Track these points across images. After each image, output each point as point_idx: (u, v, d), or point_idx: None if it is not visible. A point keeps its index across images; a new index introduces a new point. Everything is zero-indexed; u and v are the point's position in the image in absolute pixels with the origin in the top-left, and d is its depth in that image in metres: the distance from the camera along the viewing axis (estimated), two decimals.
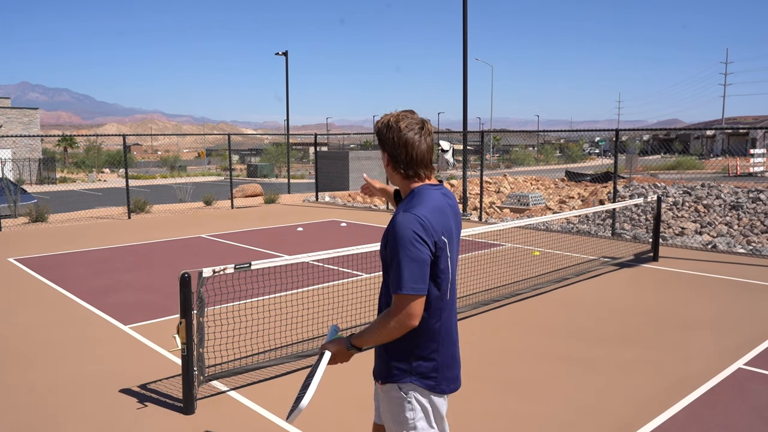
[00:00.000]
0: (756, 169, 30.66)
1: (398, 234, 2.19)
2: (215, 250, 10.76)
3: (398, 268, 2.18)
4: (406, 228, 2.19)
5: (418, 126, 2.32)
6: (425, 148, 2.33)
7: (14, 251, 10.87)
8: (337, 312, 6.66)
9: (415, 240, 2.17)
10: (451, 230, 2.32)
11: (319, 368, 2.29)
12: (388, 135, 2.32)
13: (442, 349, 2.34)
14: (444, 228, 2.27)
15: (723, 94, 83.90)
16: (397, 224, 2.21)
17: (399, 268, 2.18)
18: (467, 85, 16.54)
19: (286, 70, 29.73)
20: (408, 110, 2.38)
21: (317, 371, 2.29)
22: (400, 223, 2.20)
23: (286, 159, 33.19)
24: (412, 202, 2.29)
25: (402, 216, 2.23)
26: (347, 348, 2.34)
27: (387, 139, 2.33)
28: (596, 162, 51.94)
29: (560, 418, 4.24)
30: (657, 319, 6.49)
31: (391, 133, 2.31)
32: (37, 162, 38.22)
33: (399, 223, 2.21)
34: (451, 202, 2.40)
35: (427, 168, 2.36)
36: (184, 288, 4.21)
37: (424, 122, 2.34)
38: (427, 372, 2.31)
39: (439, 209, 2.29)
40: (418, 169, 2.34)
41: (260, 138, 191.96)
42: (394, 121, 2.32)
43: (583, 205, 16.74)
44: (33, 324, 6.51)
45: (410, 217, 2.21)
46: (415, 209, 2.24)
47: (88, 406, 4.49)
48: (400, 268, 2.17)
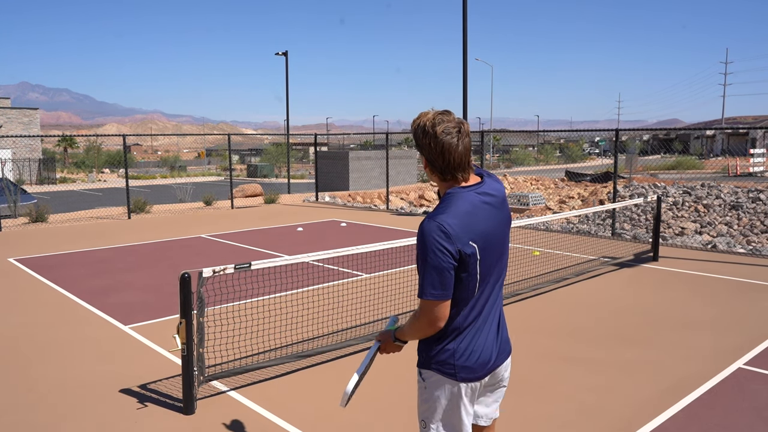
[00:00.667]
0: (756, 169, 30.67)
1: (421, 241, 2.25)
2: (215, 250, 10.77)
3: (421, 275, 2.25)
4: (428, 235, 2.23)
5: (456, 129, 2.30)
6: (462, 151, 2.31)
7: (14, 251, 10.88)
8: (337, 312, 6.66)
9: (436, 248, 2.21)
10: (485, 232, 2.32)
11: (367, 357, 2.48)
12: (425, 140, 2.31)
13: (462, 340, 2.37)
14: (473, 232, 2.28)
15: (723, 94, 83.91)
16: (421, 232, 2.26)
17: (421, 275, 2.25)
18: (467, 85, 16.54)
19: (286, 70, 29.74)
20: (444, 111, 2.36)
21: (365, 359, 2.48)
22: (424, 231, 2.25)
23: (286, 159, 33.19)
24: (441, 207, 2.31)
25: (426, 223, 2.26)
26: (393, 340, 2.49)
27: (423, 144, 2.32)
28: (596, 162, 51.94)
29: (560, 418, 4.24)
30: (657, 319, 6.49)
31: (428, 138, 2.30)
32: (37, 162, 38.22)
33: (422, 230, 2.26)
34: (492, 198, 2.38)
35: (465, 170, 2.35)
36: (184, 288, 4.21)
37: (461, 124, 2.32)
38: (446, 359, 2.36)
39: (468, 213, 2.28)
40: (456, 173, 2.33)
41: (260, 138, 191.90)
42: (431, 126, 2.30)
43: (583, 205, 16.73)
44: (33, 324, 6.51)
45: (434, 224, 2.24)
46: (441, 216, 2.26)
47: (88, 406, 4.49)
48: (422, 274, 2.25)
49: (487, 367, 2.41)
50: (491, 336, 2.43)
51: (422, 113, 2.37)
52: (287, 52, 29.91)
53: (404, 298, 7.16)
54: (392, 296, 7.21)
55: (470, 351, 2.36)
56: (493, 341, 2.43)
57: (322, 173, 26.55)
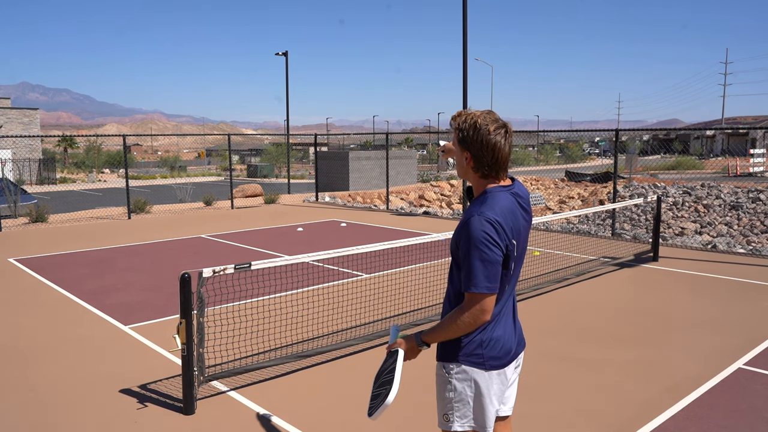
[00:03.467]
0: (756, 169, 30.67)
1: (472, 236, 2.29)
2: (215, 250, 10.77)
3: (472, 268, 2.28)
4: (479, 230, 2.28)
5: (504, 129, 2.37)
6: (507, 151, 2.39)
7: (14, 251, 10.87)
8: (337, 312, 6.66)
9: (488, 242, 2.27)
10: (519, 231, 2.41)
11: (397, 365, 2.41)
12: (475, 137, 2.35)
13: (492, 330, 2.42)
14: (514, 230, 2.36)
15: (723, 94, 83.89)
16: (472, 226, 2.30)
17: (473, 268, 2.28)
18: (467, 85, 16.54)
19: (286, 70, 29.74)
20: (490, 111, 2.42)
21: (397, 368, 2.40)
22: (475, 225, 2.29)
23: (286, 159, 33.20)
24: (486, 204, 2.35)
25: (477, 219, 2.30)
26: (417, 345, 2.47)
27: (473, 141, 2.36)
28: (596, 162, 51.94)
29: (560, 418, 4.24)
30: (657, 319, 6.49)
31: (479, 135, 2.35)
32: (37, 162, 38.21)
33: (473, 225, 2.30)
34: (522, 200, 2.47)
35: (506, 170, 2.43)
36: (184, 288, 4.21)
37: (506, 124, 2.40)
38: (474, 350, 2.40)
39: (510, 211, 2.37)
40: (499, 172, 2.41)
41: (260, 138, 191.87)
42: (482, 123, 2.35)
43: (583, 205, 16.73)
44: (33, 324, 6.51)
45: (484, 220, 2.29)
46: (489, 212, 2.31)
47: (88, 406, 4.49)
48: (474, 268, 2.28)
49: (510, 355, 2.47)
50: (510, 326, 2.51)
51: (465, 111, 2.43)
52: (287, 52, 29.92)
53: (404, 298, 7.16)
54: (392, 296, 7.21)
55: (495, 340, 2.43)
56: (512, 331, 2.51)
57: (322, 173, 26.55)
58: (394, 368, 2.41)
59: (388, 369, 2.45)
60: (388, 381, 2.40)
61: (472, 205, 2.42)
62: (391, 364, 2.45)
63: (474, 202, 2.43)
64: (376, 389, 2.45)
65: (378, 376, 2.50)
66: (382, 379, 2.45)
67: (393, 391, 2.33)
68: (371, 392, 2.50)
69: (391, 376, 2.40)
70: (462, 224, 2.35)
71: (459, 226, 2.38)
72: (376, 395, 2.43)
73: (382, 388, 2.40)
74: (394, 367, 2.42)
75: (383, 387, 2.40)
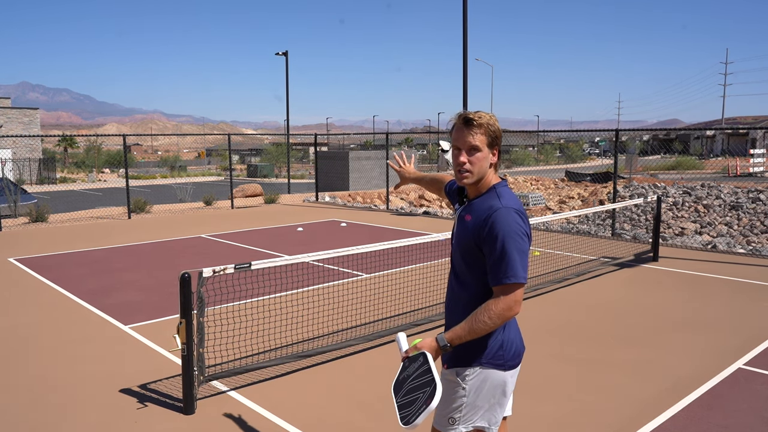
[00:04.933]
0: (756, 169, 30.66)
1: (506, 228, 2.32)
2: (215, 250, 10.77)
3: (509, 260, 2.30)
4: (513, 223, 2.33)
5: None
6: None
7: (14, 251, 10.87)
8: (337, 312, 6.65)
9: (522, 233, 2.34)
10: None
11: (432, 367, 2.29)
12: (499, 135, 2.48)
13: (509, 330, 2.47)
14: None
15: (723, 94, 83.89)
16: (503, 219, 2.33)
17: (510, 260, 2.30)
18: (467, 85, 16.54)
19: (286, 70, 29.74)
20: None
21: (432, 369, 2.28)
22: (506, 218, 2.34)
23: (286, 159, 33.19)
24: (506, 198, 2.42)
25: (506, 211, 2.35)
26: (441, 347, 2.37)
27: (500, 138, 2.48)
28: (596, 162, 51.92)
29: (560, 418, 4.24)
30: (657, 319, 6.49)
31: (500, 133, 2.49)
32: (37, 162, 38.21)
33: (505, 218, 2.34)
34: None
35: None
36: (184, 288, 4.21)
37: None
38: (496, 352, 2.42)
39: None
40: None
41: (260, 138, 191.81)
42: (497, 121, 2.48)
43: (583, 205, 16.73)
44: (33, 324, 6.51)
45: (514, 212, 2.36)
46: (515, 205, 2.39)
47: (88, 406, 4.49)
48: (512, 259, 2.30)
49: (522, 354, 2.52)
50: (517, 325, 2.55)
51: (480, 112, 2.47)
52: (287, 52, 29.92)
53: (404, 298, 7.16)
54: (392, 296, 7.21)
55: (512, 339, 2.47)
56: (519, 330, 2.55)
57: (322, 173, 26.55)
58: (425, 371, 2.31)
59: (414, 375, 2.35)
60: (423, 384, 2.29)
61: (484, 200, 2.44)
62: (417, 369, 2.34)
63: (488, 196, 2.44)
64: (403, 398, 2.34)
65: (400, 385, 2.39)
66: (409, 386, 2.34)
67: (438, 392, 2.22)
68: (396, 403, 2.36)
69: (427, 378, 2.28)
70: (483, 219, 2.36)
71: (479, 222, 2.37)
72: (409, 402, 2.31)
73: (416, 393, 2.29)
74: (425, 369, 2.31)
75: (416, 392, 2.30)
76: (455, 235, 2.54)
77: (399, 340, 2.51)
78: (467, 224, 2.43)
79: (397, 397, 2.37)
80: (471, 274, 2.43)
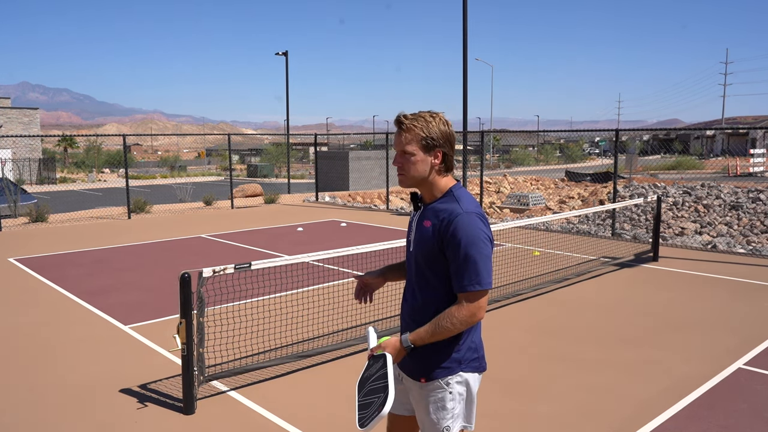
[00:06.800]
0: (756, 169, 30.66)
1: (468, 234, 2.25)
2: (215, 250, 10.76)
3: (473, 267, 2.24)
4: (475, 228, 2.27)
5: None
6: None
7: (14, 251, 10.87)
8: (337, 312, 6.65)
9: (485, 238, 2.29)
10: None
11: (388, 371, 2.26)
12: (447, 135, 2.37)
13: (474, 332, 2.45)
14: None
15: (723, 94, 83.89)
16: (465, 225, 2.26)
17: (474, 266, 2.24)
18: (467, 85, 16.54)
19: (286, 70, 29.74)
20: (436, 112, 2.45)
21: (389, 374, 2.25)
22: (468, 224, 2.27)
23: (286, 159, 33.19)
24: (466, 201, 2.34)
25: (467, 216, 2.28)
26: (404, 347, 2.34)
27: (445, 139, 2.36)
28: (596, 162, 51.91)
29: (560, 418, 4.25)
30: (657, 319, 6.49)
31: (447, 134, 2.37)
32: (37, 162, 38.21)
33: (466, 223, 2.27)
34: None
35: None
36: (184, 288, 4.21)
37: None
38: (472, 356, 2.42)
39: None
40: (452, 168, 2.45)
41: (260, 138, 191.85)
42: (445, 120, 2.39)
43: (583, 205, 16.74)
44: (33, 324, 6.51)
45: (476, 217, 2.29)
46: (476, 209, 2.32)
47: (88, 406, 4.49)
48: (476, 266, 2.25)
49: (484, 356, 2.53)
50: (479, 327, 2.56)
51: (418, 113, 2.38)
52: (287, 52, 29.92)
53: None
54: (392, 296, 7.21)
55: (479, 344, 2.47)
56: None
57: (322, 173, 26.54)
58: (383, 375, 2.26)
59: (375, 376, 2.30)
60: (379, 388, 2.25)
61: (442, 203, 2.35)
62: (378, 371, 2.30)
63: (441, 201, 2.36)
64: (363, 398, 2.30)
65: (362, 384, 2.35)
66: (369, 387, 2.30)
67: (389, 399, 2.18)
68: (357, 401, 2.33)
69: (382, 383, 2.24)
70: (445, 225, 2.28)
71: (441, 226, 2.29)
72: (367, 404, 2.27)
73: (373, 396, 2.25)
74: (382, 374, 2.27)
75: (373, 395, 2.25)
76: (414, 242, 2.43)
77: (369, 334, 2.47)
78: (427, 230, 2.34)
79: (359, 395, 2.34)
80: (437, 278, 2.35)
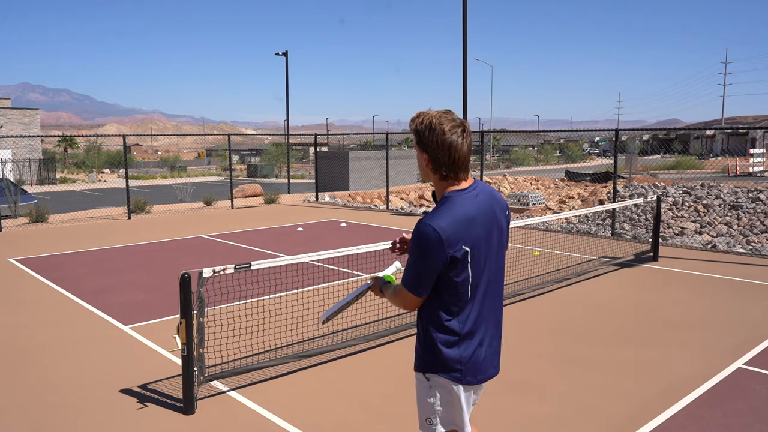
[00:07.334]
0: (756, 169, 30.66)
1: (416, 241, 2.32)
2: (215, 250, 10.77)
3: (407, 268, 2.37)
4: (423, 239, 2.30)
5: (460, 128, 2.33)
6: (466, 150, 2.35)
7: (14, 251, 10.88)
8: None
9: (426, 251, 2.29)
10: (478, 238, 2.35)
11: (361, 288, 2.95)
12: (431, 137, 2.32)
13: (467, 348, 2.41)
14: (468, 237, 2.31)
15: (723, 94, 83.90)
16: (417, 233, 2.31)
17: (407, 268, 2.37)
18: (467, 85, 16.55)
19: (286, 71, 29.75)
20: (446, 111, 2.38)
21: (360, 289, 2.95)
22: (420, 233, 2.30)
23: (286, 159, 33.19)
24: (439, 211, 2.33)
25: (423, 226, 2.30)
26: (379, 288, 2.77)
27: (429, 142, 2.33)
28: (596, 162, 51.91)
29: (560, 418, 4.25)
30: (657, 319, 6.49)
31: (434, 135, 2.32)
32: (37, 162, 38.22)
33: (419, 232, 2.31)
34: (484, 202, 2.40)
35: (467, 170, 2.39)
36: (184, 288, 4.21)
37: (464, 123, 2.36)
38: (453, 366, 2.41)
39: (465, 217, 2.32)
40: (458, 172, 2.36)
41: (260, 138, 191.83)
42: (437, 123, 2.31)
43: (583, 205, 16.74)
44: (33, 324, 6.51)
45: (429, 228, 2.28)
46: (437, 221, 2.28)
47: (88, 406, 4.49)
48: (408, 269, 2.37)
49: (487, 374, 2.49)
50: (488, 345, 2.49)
51: (422, 112, 2.39)
52: (287, 52, 29.93)
53: None
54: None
55: (474, 362, 2.42)
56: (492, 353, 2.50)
57: (322, 173, 26.55)
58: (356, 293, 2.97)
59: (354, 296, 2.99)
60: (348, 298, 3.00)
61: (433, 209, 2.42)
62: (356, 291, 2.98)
63: (435, 207, 2.41)
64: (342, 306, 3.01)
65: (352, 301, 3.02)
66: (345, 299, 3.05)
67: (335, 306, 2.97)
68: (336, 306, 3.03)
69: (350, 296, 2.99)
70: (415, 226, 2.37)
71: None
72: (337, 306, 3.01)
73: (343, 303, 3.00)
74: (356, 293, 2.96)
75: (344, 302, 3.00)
76: None
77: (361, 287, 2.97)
78: None
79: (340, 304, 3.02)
80: None
